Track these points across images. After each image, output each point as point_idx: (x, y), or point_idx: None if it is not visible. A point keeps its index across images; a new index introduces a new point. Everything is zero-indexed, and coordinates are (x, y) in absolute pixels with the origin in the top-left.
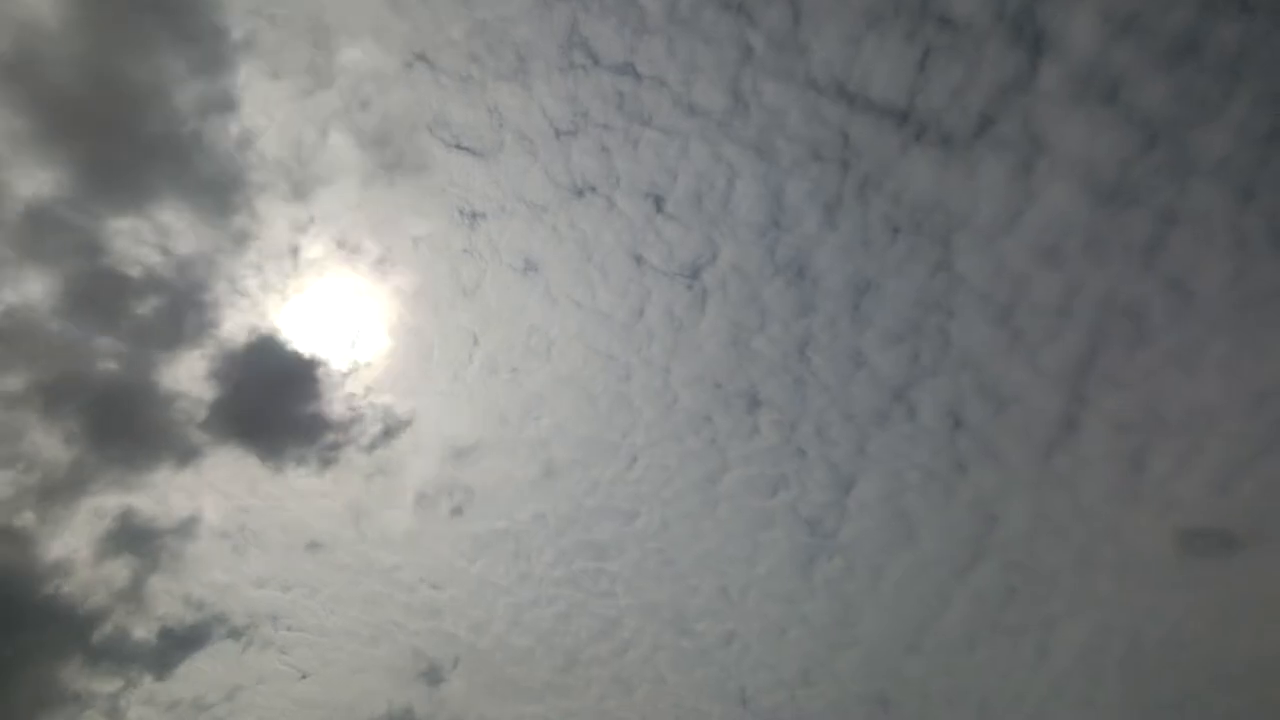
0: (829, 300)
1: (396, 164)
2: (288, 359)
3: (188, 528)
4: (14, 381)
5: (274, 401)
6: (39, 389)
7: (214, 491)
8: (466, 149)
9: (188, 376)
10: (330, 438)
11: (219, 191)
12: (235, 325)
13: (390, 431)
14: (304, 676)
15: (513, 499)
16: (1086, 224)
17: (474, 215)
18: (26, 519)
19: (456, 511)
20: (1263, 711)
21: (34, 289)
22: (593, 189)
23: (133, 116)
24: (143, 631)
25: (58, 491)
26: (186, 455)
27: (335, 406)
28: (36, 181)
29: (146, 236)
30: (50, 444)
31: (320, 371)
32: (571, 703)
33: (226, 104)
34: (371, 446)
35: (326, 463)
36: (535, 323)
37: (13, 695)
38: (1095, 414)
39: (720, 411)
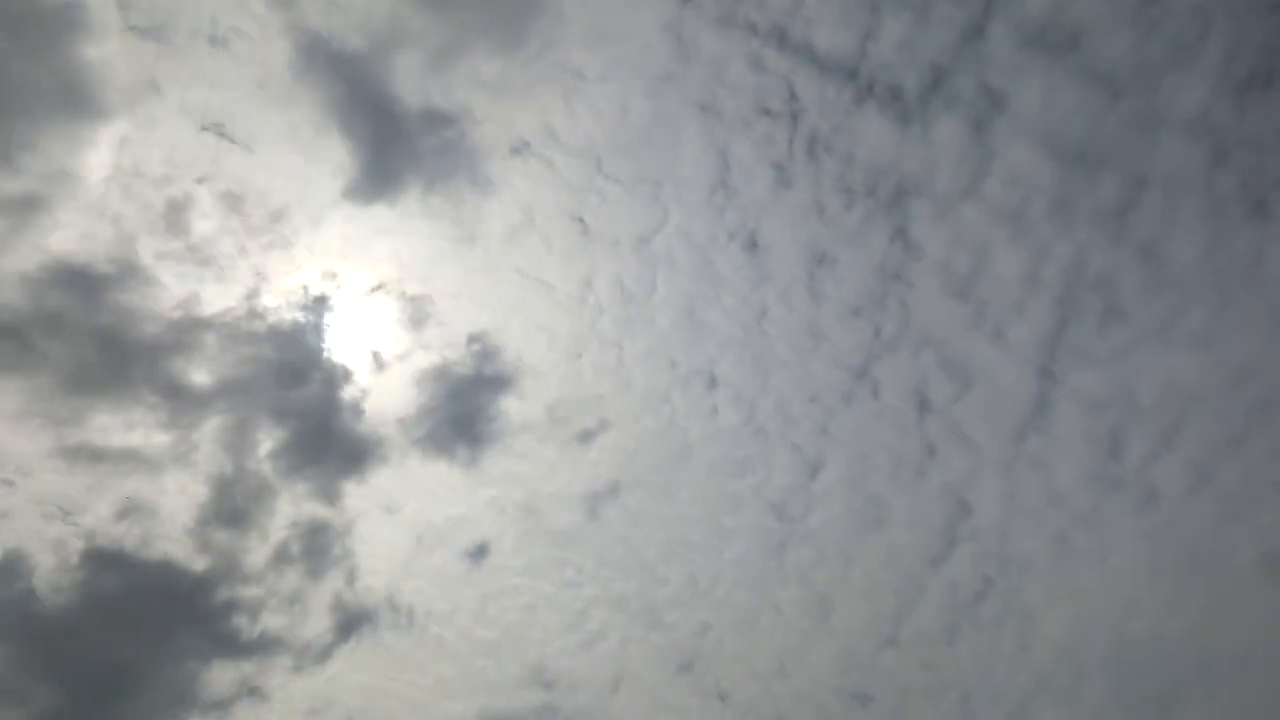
0: (783, 269)
1: None
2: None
3: (357, 527)
4: (219, 374)
5: None
6: (245, 381)
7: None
8: None
9: (389, 379)
10: None
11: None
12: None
13: None
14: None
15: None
16: (1049, 187)
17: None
18: (216, 520)
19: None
20: (1248, 705)
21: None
22: (527, 145)
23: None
24: (300, 627)
25: (248, 491)
26: (375, 457)
27: None
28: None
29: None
30: (249, 439)
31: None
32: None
33: None
34: None
35: None
36: (476, 294)
37: (174, 690)
38: (1066, 393)
39: (678, 390)
